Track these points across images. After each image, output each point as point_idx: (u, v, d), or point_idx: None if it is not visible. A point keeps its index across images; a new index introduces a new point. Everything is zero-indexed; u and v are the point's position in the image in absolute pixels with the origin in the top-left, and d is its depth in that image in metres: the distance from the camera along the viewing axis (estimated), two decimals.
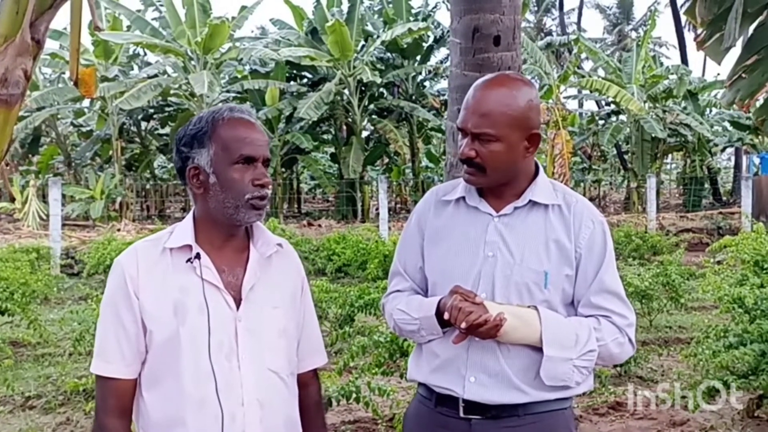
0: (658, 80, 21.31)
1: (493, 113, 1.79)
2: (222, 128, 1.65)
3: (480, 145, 1.80)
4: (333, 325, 5.92)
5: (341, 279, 10.21)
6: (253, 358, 1.64)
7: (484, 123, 1.79)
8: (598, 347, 1.79)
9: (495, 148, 1.79)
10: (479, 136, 1.80)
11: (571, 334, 1.78)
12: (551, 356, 1.76)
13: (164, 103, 21.92)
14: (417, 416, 1.96)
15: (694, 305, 7.72)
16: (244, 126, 1.66)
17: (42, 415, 4.83)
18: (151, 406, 1.63)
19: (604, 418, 4.64)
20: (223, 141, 1.63)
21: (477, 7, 2.97)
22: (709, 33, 4.06)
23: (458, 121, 1.86)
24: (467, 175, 1.85)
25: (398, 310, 1.92)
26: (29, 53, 1.83)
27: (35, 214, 16.94)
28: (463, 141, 1.84)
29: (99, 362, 1.65)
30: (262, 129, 1.71)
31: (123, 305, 1.63)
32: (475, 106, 1.82)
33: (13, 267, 6.97)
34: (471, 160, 1.82)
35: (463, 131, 1.84)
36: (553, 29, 42.93)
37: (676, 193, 29.28)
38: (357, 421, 4.57)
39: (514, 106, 1.80)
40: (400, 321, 1.92)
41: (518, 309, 1.78)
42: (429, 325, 1.83)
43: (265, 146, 1.68)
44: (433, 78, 24.05)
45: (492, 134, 1.79)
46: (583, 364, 1.78)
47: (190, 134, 1.67)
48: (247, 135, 1.65)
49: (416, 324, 1.87)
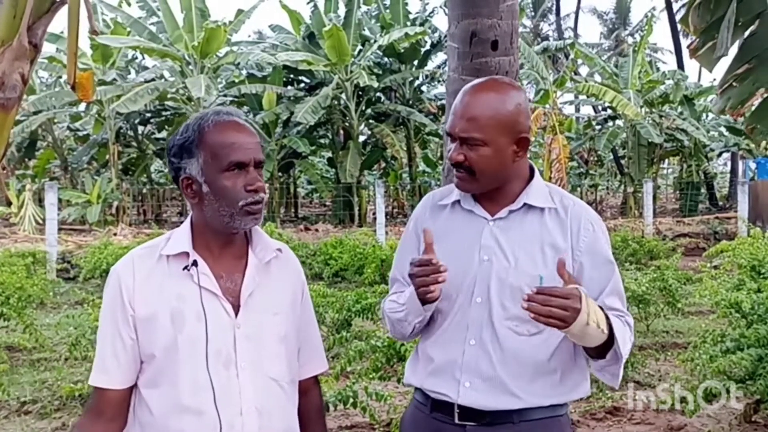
0: (654, 85, 21.36)
1: (481, 117, 1.79)
2: (208, 135, 1.60)
3: (468, 150, 1.80)
4: (330, 329, 5.91)
5: (338, 283, 10.19)
6: (252, 366, 1.62)
7: (471, 127, 1.79)
8: None
9: (483, 152, 1.79)
10: (467, 141, 1.80)
11: (626, 336, 1.79)
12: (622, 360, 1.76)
13: (161, 107, 21.90)
14: (413, 422, 1.96)
15: (691, 310, 7.74)
16: (231, 129, 1.62)
17: (38, 420, 4.81)
18: (148, 415, 1.61)
19: (602, 423, 4.64)
20: (211, 149, 1.60)
21: (475, 11, 2.98)
22: (702, 41, 4.09)
23: (447, 126, 1.86)
24: (457, 180, 1.86)
25: (389, 302, 1.94)
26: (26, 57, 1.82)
27: (31, 218, 16.89)
28: (452, 145, 1.84)
29: (96, 374, 1.64)
30: (252, 129, 1.67)
31: (119, 316, 1.61)
32: (462, 110, 1.82)
33: (9, 271, 6.93)
34: (460, 164, 1.82)
35: (452, 136, 1.84)
36: (549, 34, 43.01)
37: (672, 197, 29.31)
38: (354, 426, 4.57)
39: (501, 110, 1.80)
40: (389, 311, 1.92)
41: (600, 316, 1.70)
42: (412, 305, 1.82)
43: (256, 148, 1.63)
44: (430, 83, 24.09)
45: (479, 138, 1.79)
46: None
47: (178, 144, 1.64)
48: (234, 140, 1.60)
49: (403, 309, 1.86)
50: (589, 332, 1.67)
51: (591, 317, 1.66)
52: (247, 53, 20.34)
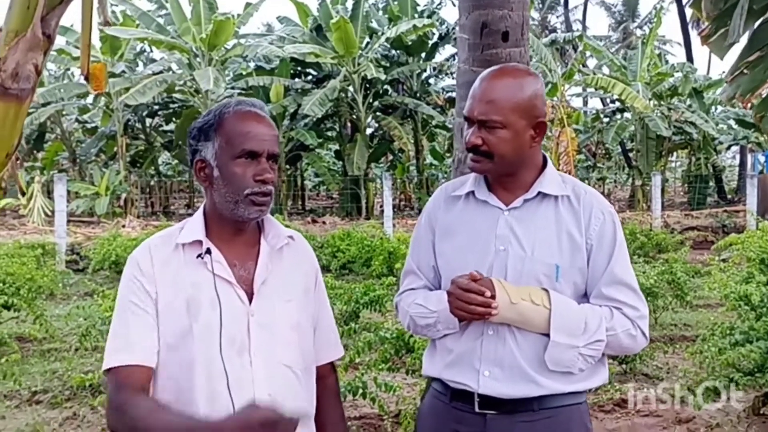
0: (663, 78, 21.26)
1: (500, 100, 1.80)
2: (227, 122, 1.63)
3: (486, 133, 1.81)
4: (338, 321, 5.92)
5: (346, 276, 10.21)
6: (265, 353, 1.63)
7: (490, 110, 1.80)
8: (607, 337, 1.79)
9: (502, 135, 1.80)
10: (486, 123, 1.80)
11: (580, 322, 1.78)
12: (558, 342, 1.76)
13: (169, 100, 21.97)
14: (432, 411, 1.95)
15: (700, 303, 7.72)
16: (251, 119, 1.64)
17: (48, 410, 4.84)
18: (163, 401, 1.61)
19: (610, 415, 4.64)
20: (228, 134, 1.62)
21: (485, 2, 2.96)
22: (714, 28, 4.06)
23: (465, 110, 1.86)
24: (473, 163, 1.85)
25: (416, 305, 1.91)
26: (40, 48, 1.83)
27: (40, 210, 16.97)
28: (469, 130, 1.84)
29: (119, 354, 1.58)
30: (271, 122, 1.68)
31: (142, 297, 1.61)
32: (481, 94, 1.82)
33: (19, 263, 6.97)
34: (477, 149, 1.82)
35: (470, 120, 1.84)
36: (557, 26, 42.84)
37: (680, 191, 29.23)
38: (363, 417, 4.58)
39: (519, 94, 1.81)
40: (416, 315, 1.91)
41: (531, 290, 1.78)
42: (446, 318, 1.82)
43: (272, 141, 1.65)
44: (438, 75, 24.06)
45: (498, 121, 1.80)
46: (589, 353, 1.79)
47: (198, 127, 1.67)
48: (251, 129, 1.62)
49: (434, 317, 1.86)
50: (525, 311, 1.75)
51: (514, 297, 1.74)
52: (254, 46, 20.35)
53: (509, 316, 1.76)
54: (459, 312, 1.76)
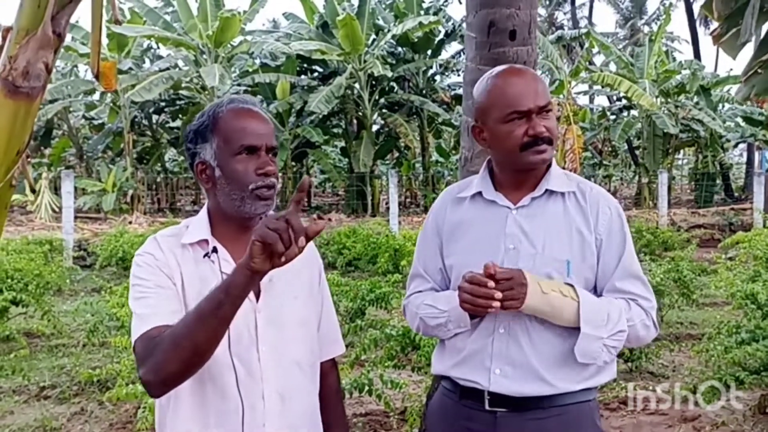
0: (670, 75, 21.17)
1: (540, 85, 1.84)
2: (222, 120, 1.64)
3: (545, 120, 1.82)
4: (344, 318, 5.94)
5: (351, 273, 10.23)
6: (273, 349, 1.64)
7: (544, 95, 1.83)
8: (627, 328, 1.80)
9: (552, 117, 1.84)
10: (545, 108, 1.82)
11: (603, 313, 1.79)
12: (587, 334, 1.76)
13: (175, 96, 22.00)
14: (441, 409, 1.96)
15: (706, 301, 7.70)
16: (245, 115, 1.65)
17: (56, 405, 4.88)
18: (173, 399, 1.62)
19: (615, 413, 4.64)
20: (224, 133, 1.63)
21: (493, 1, 2.97)
22: (726, 28, 4.05)
23: (517, 107, 1.80)
24: (538, 155, 1.81)
25: (425, 305, 1.92)
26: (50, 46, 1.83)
27: (47, 206, 17.05)
28: (526, 125, 1.79)
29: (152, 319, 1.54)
30: (266, 116, 1.69)
31: (162, 280, 1.60)
32: (525, 85, 1.82)
33: (27, 258, 7.01)
34: (541, 137, 1.81)
35: (528, 112, 1.80)
36: (564, 23, 42.72)
37: (687, 188, 29.15)
38: (368, 414, 4.60)
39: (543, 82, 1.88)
40: (426, 316, 1.91)
41: (558, 283, 1.78)
42: (457, 316, 1.83)
43: (269, 134, 1.65)
44: (444, 72, 24.03)
45: (550, 103, 1.84)
46: (613, 344, 1.79)
47: (193, 130, 1.68)
48: (247, 125, 1.63)
49: (444, 317, 1.86)
50: (556, 302, 1.75)
51: (544, 288, 1.74)
52: (260, 42, 20.37)
53: (541, 307, 1.75)
54: (466, 306, 1.76)
